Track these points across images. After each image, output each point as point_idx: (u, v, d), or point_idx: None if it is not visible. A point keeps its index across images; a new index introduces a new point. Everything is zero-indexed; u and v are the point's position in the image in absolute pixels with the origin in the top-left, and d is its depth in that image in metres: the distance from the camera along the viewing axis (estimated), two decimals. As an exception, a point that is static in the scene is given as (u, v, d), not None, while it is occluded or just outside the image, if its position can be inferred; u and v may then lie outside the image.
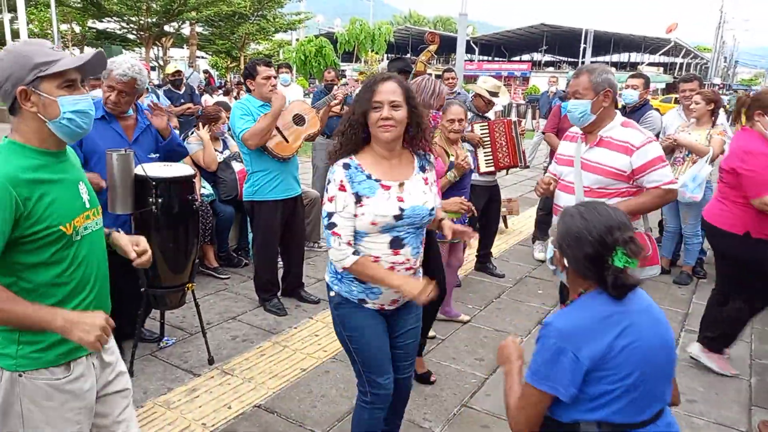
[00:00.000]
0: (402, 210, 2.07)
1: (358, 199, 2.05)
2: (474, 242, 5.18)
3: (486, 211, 4.94)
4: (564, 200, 2.86)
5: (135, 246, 1.89)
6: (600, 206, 1.62)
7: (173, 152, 3.49)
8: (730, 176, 3.29)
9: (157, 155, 3.39)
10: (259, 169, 4.03)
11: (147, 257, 1.91)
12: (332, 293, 2.27)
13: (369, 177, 2.07)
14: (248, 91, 4.09)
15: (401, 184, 2.10)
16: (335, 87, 5.92)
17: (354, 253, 2.07)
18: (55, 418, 1.66)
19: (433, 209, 2.17)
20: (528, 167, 5.53)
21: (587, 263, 1.57)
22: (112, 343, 1.88)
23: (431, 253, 3.01)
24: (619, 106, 5.70)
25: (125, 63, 3.10)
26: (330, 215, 2.07)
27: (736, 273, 3.51)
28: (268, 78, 3.93)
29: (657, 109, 5.29)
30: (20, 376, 1.61)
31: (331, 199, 2.06)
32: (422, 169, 2.20)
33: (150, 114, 3.36)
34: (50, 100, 1.58)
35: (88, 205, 1.73)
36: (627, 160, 2.66)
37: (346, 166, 2.08)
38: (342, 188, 2.05)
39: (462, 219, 3.81)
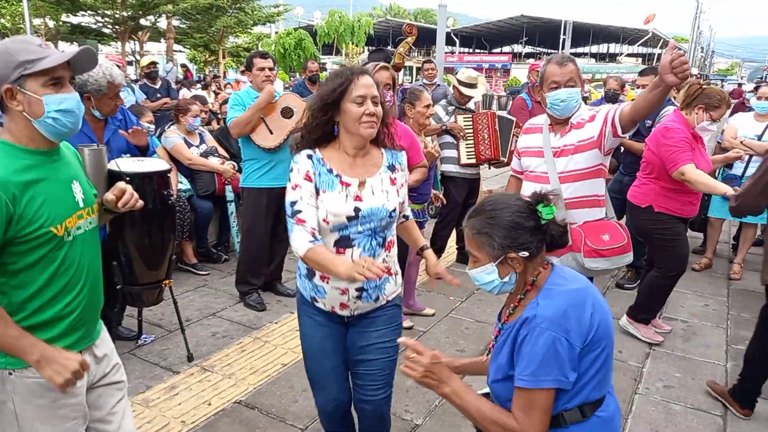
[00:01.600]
0: (358, 210, 1.95)
1: (316, 192, 1.96)
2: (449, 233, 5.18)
3: (466, 204, 4.93)
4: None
5: (115, 194, 1.87)
6: (492, 198, 1.68)
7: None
8: (649, 153, 3.66)
9: (128, 155, 3.35)
10: (249, 158, 4.13)
11: (128, 197, 1.89)
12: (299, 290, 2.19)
13: (330, 171, 1.98)
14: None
15: (362, 183, 1.99)
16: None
17: (316, 242, 1.91)
18: (47, 416, 1.65)
19: (394, 210, 2.03)
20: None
21: (534, 236, 1.59)
22: (104, 335, 1.88)
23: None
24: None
25: (96, 72, 3.07)
26: (293, 203, 1.94)
27: (646, 244, 4.02)
28: (262, 69, 4.02)
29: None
30: (10, 374, 1.60)
31: (295, 187, 1.95)
32: (391, 168, 2.07)
33: (128, 134, 3.31)
34: (35, 98, 1.55)
35: (81, 205, 1.71)
36: (594, 126, 2.67)
37: (309, 157, 1.99)
38: (308, 178, 1.96)
39: (422, 212, 3.83)
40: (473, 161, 4.77)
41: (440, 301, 4.45)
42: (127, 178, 3.00)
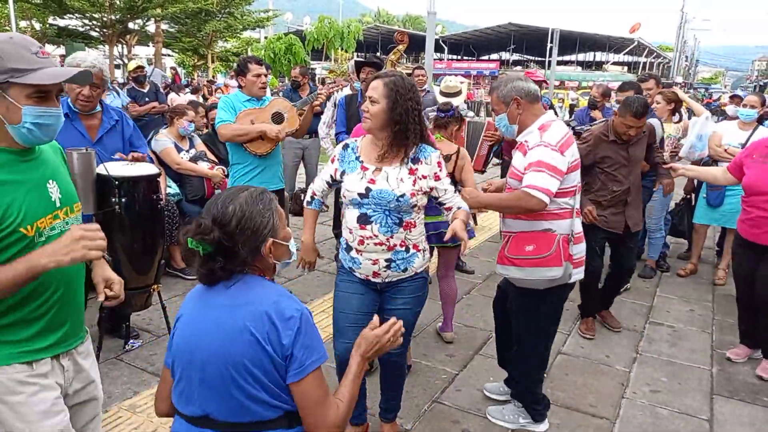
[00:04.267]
0: (369, 190, 2.34)
1: (343, 174, 2.44)
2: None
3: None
4: None
5: (107, 289, 1.82)
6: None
7: None
8: None
9: (120, 158, 3.31)
10: (237, 162, 4.08)
11: (116, 302, 1.88)
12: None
13: (357, 158, 2.42)
14: (239, 87, 4.10)
15: (378, 169, 2.36)
16: (318, 87, 5.92)
17: (311, 204, 2.63)
18: (26, 412, 1.59)
19: (403, 196, 2.32)
20: (484, 172, 5.49)
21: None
22: (88, 346, 1.83)
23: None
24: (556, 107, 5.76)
25: (89, 56, 3.06)
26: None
27: None
28: (258, 76, 3.97)
29: (659, 118, 4.82)
30: None
31: (332, 160, 2.52)
32: (414, 160, 2.39)
33: (128, 158, 3.29)
34: (15, 105, 1.51)
35: (58, 204, 1.65)
36: (523, 161, 2.63)
37: (345, 147, 2.49)
38: (332, 161, 2.51)
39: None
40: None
41: (429, 305, 4.45)
42: (116, 182, 3.00)
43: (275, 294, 1.46)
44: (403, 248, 2.41)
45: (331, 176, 2.51)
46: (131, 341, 3.62)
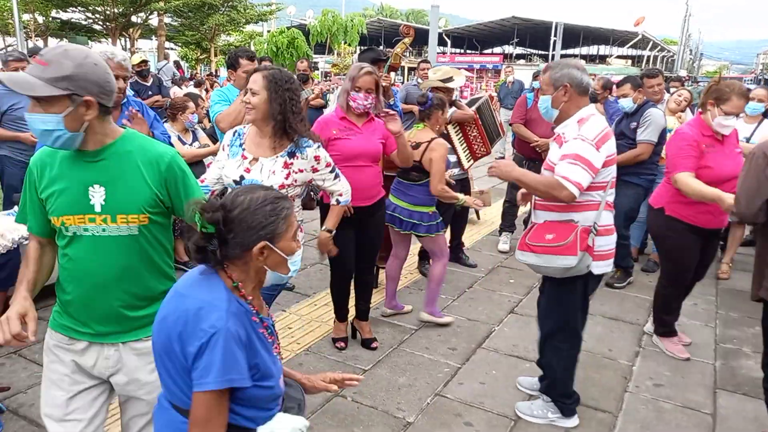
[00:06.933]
0: (242, 178, 2.47)
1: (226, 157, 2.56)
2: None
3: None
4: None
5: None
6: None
7: None
8: (667, 154, 3.60)
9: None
10: None
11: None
12: None
13: (240, 145, 2.55)
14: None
15: (254, 159, 2.49)
16: (313, 81, 5.91)
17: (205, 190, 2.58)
18: (46, 374, 1.85)
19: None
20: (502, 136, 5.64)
21: None
22: (149, 345, 1.73)
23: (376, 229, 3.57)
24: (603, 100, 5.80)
25: (113, 49, 3.11)
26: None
27: (657, 248, 3.99)
28: (247, 72, 3.87)
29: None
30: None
31: (223, 148, 2.62)
32: (290, 154, 2.50)
33: (129, 122, 3.30)
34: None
35: (97, 209, 1.71)
36: (558, 152, 2.65)
37: (234, 133, 2.60)
38: (223, 149, 2.60)
39: (434, 215, 3.85)
40: (472, 162, 4.92)
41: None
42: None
43: (212, 301, 1.40)
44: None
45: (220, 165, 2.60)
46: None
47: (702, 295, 4.79)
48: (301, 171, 2.53)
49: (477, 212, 6.74)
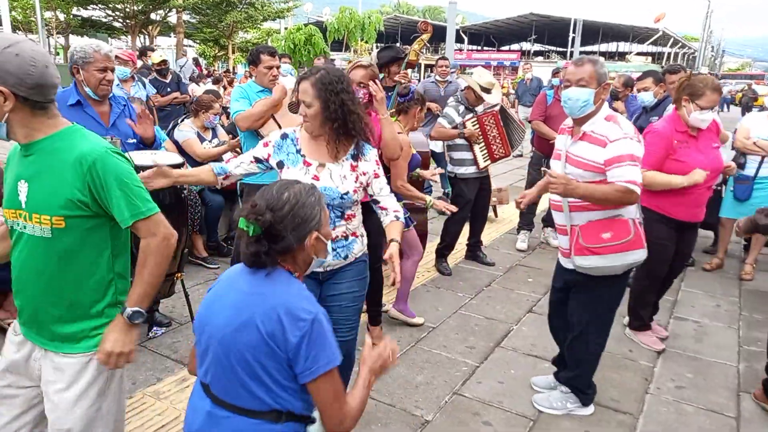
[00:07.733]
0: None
1: (281, 165, 2.37)
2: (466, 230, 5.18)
3: (476, 200, 4.96)
4: (554, 195, 2.82)
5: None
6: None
7: None
8: None
9: (135, 140, 3.37)
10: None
11: None
12: None
13: (298, 152, 2.36)
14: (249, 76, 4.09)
15: (321, 165, 2.33)
16: None
17: (215, 168, 2.45)
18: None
19: (347, 194, 2.31)
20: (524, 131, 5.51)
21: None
22: (64, 364, 1.74)
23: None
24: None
25: (98, 42, 3.15)
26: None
27: None
28: (270, 68, 3.90)
29: None
30: None
31: (266, 144, 2.41)
32: (354, 157, 2.37)
33: (134, 123, 3.33)
34: None
35: (23, 206, 1.66)
36: (602, 153, 2.62)
37: (284, 137, 2.40)
38: (266, 144, 2.41)
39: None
40: (489, 162, 4.87)
41: (449, 297, 4.45)
42: (140, 171, 3.03)
43: (294, 292, 1.48)
44: (344, 237, 2.41)
45: (263, 158, 2.41)
46: (155, 328, 3.66)
47: (725, 296, 4.71)
48: (365, 174, 2.39)
49: (495, 210, 6.70)
